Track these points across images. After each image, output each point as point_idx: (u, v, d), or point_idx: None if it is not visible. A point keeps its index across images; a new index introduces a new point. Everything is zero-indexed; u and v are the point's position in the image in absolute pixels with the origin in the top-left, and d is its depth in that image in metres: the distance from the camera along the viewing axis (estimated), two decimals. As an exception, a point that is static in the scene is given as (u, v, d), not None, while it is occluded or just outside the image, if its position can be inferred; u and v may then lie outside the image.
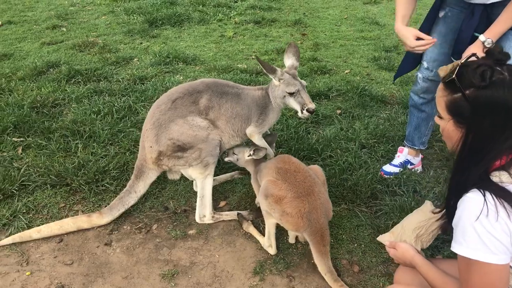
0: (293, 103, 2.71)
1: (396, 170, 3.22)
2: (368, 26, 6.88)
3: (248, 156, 2.82)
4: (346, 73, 5.06)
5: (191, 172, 2.75)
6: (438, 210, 2.00)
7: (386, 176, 3.20)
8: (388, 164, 3.29)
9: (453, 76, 1.62)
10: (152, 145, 2.66)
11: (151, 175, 2.81)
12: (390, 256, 2.02)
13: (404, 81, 4.77)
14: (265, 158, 2.83)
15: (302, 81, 2.72)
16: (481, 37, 2.40)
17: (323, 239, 2.40)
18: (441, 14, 2.75)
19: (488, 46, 2.38)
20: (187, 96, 2.70)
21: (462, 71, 1.62)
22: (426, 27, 2.79)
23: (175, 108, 2.66)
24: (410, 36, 2.56)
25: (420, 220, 2.04)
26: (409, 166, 3.26)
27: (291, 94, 2.67)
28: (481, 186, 1.55)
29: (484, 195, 1.51)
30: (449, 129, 1.71)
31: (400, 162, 3.26)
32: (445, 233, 2.14)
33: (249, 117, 2.82)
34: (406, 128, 3.27)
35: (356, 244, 2.68)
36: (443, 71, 2.48)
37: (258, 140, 2.86)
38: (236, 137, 2.85)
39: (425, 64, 2.87)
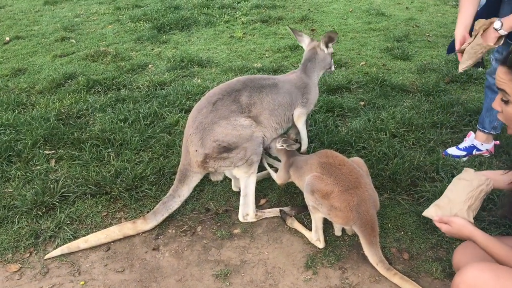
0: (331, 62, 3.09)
1: (463, 153, 3.26)
2: (375, 17, 6.91)
3: (280, 146, 2.84)
4: (362, 65, 5.08)
5: (236, 172, 2.77)
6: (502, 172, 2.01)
7: (458, 159, 3.24)
8: (454, 147, 3.32)
9: None
10: (198, 148, 2.68)
11: (195, 179, 2.82)
12: (444, 234, 2.00)
13: (421, 69, 4.79)
14: (298, 150, 2.85)
15: None
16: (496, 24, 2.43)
17: (373, 230, 2.41)
18: None
19: (496, 28, 2.40)
20: (226, 97, 2.72)
21: None
22: (492, 11, 2.77)
23: (216, 110, 2.68)
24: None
25: (469, 191, 1.98)
26: (474, 152, 3.26)
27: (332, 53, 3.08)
28: None
29: None
30: None
31: (465, 147, 3.28)
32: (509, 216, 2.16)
33: (291, 104, 2.88)
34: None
35: (402, 232, 2.70)
36: (480, 23, 2.48)
37: (303, 125, 2.95)
38: (279, 129, 2.89)
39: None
